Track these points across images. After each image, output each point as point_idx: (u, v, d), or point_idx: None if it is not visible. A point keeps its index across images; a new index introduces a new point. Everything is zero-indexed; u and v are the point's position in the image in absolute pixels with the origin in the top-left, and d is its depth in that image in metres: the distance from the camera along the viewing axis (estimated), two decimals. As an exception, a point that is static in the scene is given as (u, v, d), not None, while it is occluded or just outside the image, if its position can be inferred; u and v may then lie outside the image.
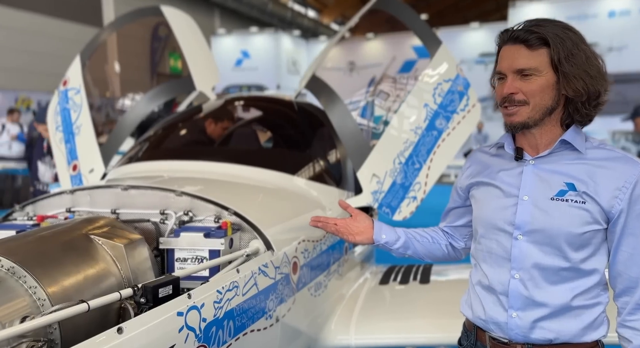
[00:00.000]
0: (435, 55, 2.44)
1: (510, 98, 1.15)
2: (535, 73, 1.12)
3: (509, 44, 1.16)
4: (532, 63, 1.12)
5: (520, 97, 1.14)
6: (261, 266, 1.57)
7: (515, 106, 1.15)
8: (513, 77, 1.14)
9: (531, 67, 1.12)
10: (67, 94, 2.76)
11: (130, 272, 1.38)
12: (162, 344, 1.15)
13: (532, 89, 1.13)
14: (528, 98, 1.13)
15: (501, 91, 1.17)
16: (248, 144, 2.67)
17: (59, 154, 2.68)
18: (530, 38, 1.12)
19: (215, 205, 1.67)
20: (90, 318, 1.18)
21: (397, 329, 2.11)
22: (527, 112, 1.14)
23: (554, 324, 1.17)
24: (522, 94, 1.14)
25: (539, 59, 1.12)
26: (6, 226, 1.61)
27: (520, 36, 1.13)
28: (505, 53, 1.17)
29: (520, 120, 1.15)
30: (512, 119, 1.16)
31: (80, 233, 1.37)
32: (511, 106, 1.15)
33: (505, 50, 1.17)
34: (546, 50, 1.12)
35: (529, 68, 1.12)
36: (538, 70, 1.12)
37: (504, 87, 1.16)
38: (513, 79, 1.14)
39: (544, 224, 1.15)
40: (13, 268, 1.13)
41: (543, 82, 1.12)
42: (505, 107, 1.17)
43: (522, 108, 1.14)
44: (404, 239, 1.46)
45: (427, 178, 2.34)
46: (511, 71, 1.14)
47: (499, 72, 1.18)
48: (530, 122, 1.15)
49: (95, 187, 1.72)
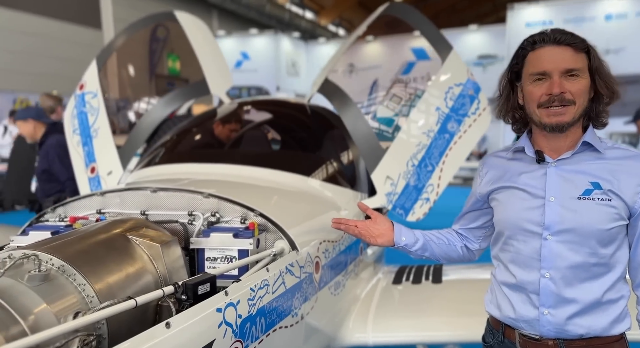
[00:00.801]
0: (447, 59, 2.50)
1: (561, 97, 1.18)
2: (580, 74, 1.18)
3: (550, 46, 1.20)
4: (578, 64, 1.18)
5: (569, 97, 1.18)
6: (288, 265, 1.63)
7: (564, 106, 1.18)
8: (560, 76, 1.18)
9: (579, 67, 1.18)
10: (84, 98, 2.81)
11: (166, 270, 1.43)
12: (205, 339, 1.21)
13: (579, 88, 1.18)
14: (575, 98, 1.18)
15: (541, 91, 1.20)
16: (263, 146, 2.73)
17: (77, 156, 2.72)
18: (577, 42, 1.18)
19: (242, 207, 1.73)
20: (132, 314, 1.23)
21: (413, 327, 2.17)
22: (573, 111, 1.18)
23: (585, 319, 1.22)
24: (570, 93, 1.18)
25: (583, 61, 1.19)
26: (41, 227, 1.66)
27: (567, 40, 1.18)
28: (546, 54, 1.20)
29: (568, 120, 1.18)
30: (560, 119, 1.19)
31: (119, 234, 1.42)
32: (559, 105, 1.18)
33: (546, 51, 1.20)
34: (585, 55, 1.18)
35: (577, 68, 1.18)
36: (582, 71, 1.18)
37: (546, 87, 1.19)
38: (561, 78, 1.18)
39: (574, 223, 1.19)
40: (63, 266, 1.18)
41: (585, 83, 1.19)
42: (549, 107, 1.19)
43: (569, 108, 1.18)
44: (422, 241, 1.51)
45: (440, 180, 2.40)
46: (559, 71, 1.18)
47: (540, 73, 1.20)
48: (572, 122, 1.20)
49: (125, 189, 1.77)
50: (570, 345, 1.23)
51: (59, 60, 14.23)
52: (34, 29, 13.56)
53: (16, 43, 13.07)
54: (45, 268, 1.16)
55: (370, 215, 1.58)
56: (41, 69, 13.90)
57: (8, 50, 12.82)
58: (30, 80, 13.60)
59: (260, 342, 1.45)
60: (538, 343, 1.26)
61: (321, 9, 27.69)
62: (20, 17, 13.13)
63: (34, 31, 13.55)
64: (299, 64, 16.78)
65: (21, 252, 1.18)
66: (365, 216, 1.61)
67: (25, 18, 13.26)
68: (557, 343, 1.24)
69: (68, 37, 14.62)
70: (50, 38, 14.08)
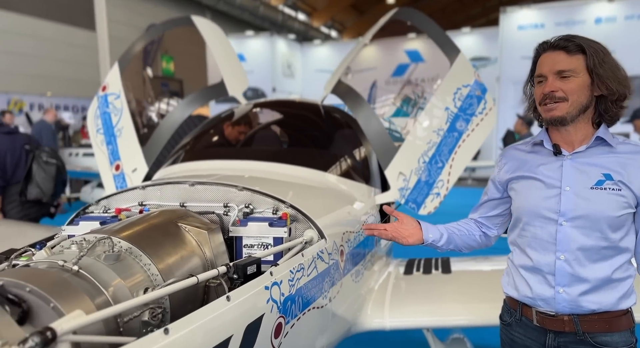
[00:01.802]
0: (455, 62, 2.67)
1: (551, 95, 1.34)
2: (573, 74, 1.33)
3: (549, 51, 1.37)
4: (571, 65, 1.34)
5: (560, 94, 1.34)
6: (318, 252, 1.77)
7: (556, 102, 1.35)
8: (553, 77, 1.35)
9: (570, 68, 1.33)
10: (107, 99, 2.93)
11: (212, 254, 1.57)
12: (257, 312, 1.35)
13: (570, 87, 1.34)
14: (567, 95, 1.34)
15: (541, 91, 1.37)
16: (282, 144, 2.87)
17: (101, 154, 2.84)
18: (569, 45, 1.34)
19: (273, 199, 1.86)
20: (186, 292, 1.37)
21: (427, 313, 2.32)
22: (566, 107, 1.34)
23: (597, 296, 1.36)
24: (562, 91, 1.34)
25: (577, 62, 1.34)
26: (89, 217, 1.79)
27: (560, 44, 1.35)
28: (545, 59, 1.37)
29: (559, 114, 1.35)
30: (553, 113, 1.35)
31: (171, 222, 1.55)
32: (552, 102, 1.35)
33: (545, 57, 1.38)
34: (582, 56, 1.34)
35: (568, 69, 1.33)
36: (575, 72, 1.33)
37: (544, 87, 1.36)
38: (554, 79, 1.34)
39: (587, 210, 1.34)
40: (130, 248, 1.32)
41: (580, 82, 1.34)
42: (546, 104, 1.36)
43: (561, 104, 1.34)
44: (447, 235, 1.62)
45: (450, 176, 2.56)
46: (552, 72, 1.35)
47: (540, 75, 1.38)
48: (567, 117, 1.35)
49: (165, 183, 1.90)
50: (583, 319, 1.37)
51: (53, 62, 14.22)
52: (29, 31, 13.54)
53: (10, 44, 13.04)
54: (117, 249, 1.29)
55: (397, 217, 1.65)
56: (35, 70, 13.88)
57: (2, 51, 12.79)
58: (25, 81, 13.57)
59: (298, 319, 1.59)
60: (554, 319, 1.40)
61: (313, 10, 27.90)
62: (15, 18, 13.11)
63: (28, 32, 13.53)
64: (295, 66, 16.93)
65: (94, 236, 1.31)
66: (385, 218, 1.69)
67: (20, 19, 13.24)
68: (572, 318, 1.38)
69: (62, 38, 14.61)
70: (45, 39, 14.06)
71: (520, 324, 1.49)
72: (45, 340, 0.89)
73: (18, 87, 13.37)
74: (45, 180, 3.81)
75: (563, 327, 1.39)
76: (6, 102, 13.13)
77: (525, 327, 1.47)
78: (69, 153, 9.35)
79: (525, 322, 1.47)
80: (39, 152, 3.90)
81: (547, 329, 1.41)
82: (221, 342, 1.20)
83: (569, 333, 1.39)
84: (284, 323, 1.50)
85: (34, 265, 1.21)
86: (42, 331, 0.89)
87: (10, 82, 13.20)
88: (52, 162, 3.89)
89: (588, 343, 1.37)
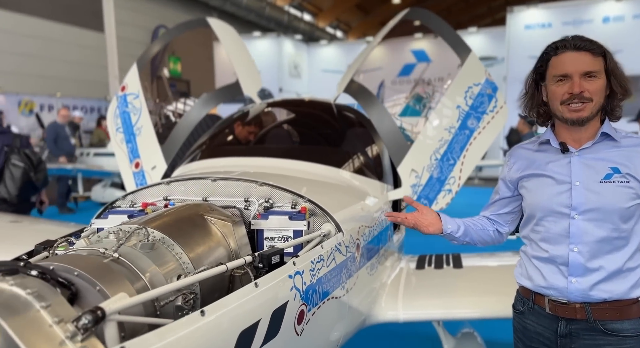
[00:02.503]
0: (466, 61, 2.73)
1: (581, 96, 1.39)
2: (597, 75, 1.40)
3: (571, 51, 1.41)
4: (596, 67, 1.40)
5: (588, 95, 1.40)
6: (336, 245, 1.84)
7: (583, 103, 1.40)
8: (580, 78, 1.40)
9: (596, 70, 1.40)
10: (126, 99, 3.02)
11: (236, 246, 1.65)
12: (282, 299, 1.42)
13: (595, 88, 1.40)
14: (593, 96, 1.40)
15: (563, 90, 1.42)
16: (297, 142, 2.94)
17: (121, 153, 2.93)
18: (594, 48, 1.40)
19: (292, 194, 1.94)
20: (214, 280, 1.44)
21: (439, 306, 2.39)
22: (591, 108, 1.40)
23: (608, 285, 1.42)
24: (588, 92, 1.39)
25: (600, 64, 1.40)
26: (117, 211, 1.87)
27: (586, 46, 1.41)
28: (567, 59, 1.42)
29: (586, 115, 1.41)
30: (580, 114, 1.41)
31: (197, 215, 1.63)
32: (579, 103, 1.40)
33: (567, 57, 1.42)
34: (602, 59, 1.41)
35: (595, 71, 1.40)
36: (599, 73, 1.40)
37: (567, 87, 1.41)
38: (580, 79, 1.40)
39: (598, 203, 1.40)
40: (163, 238, 1.39)
41: (602, 83, 1.41)
42: (571, 104, 1.41)
43: (588, 104, 1.40)
44: (464, 228, 1.69)
45: (461, 173, 2.62)
46: (579, 73, 1.40)
47: (563, 75, 1.42)
48: (590, 117, 1.42)
49: (188, 178, 1.98)
50: (594, 307, 1.43)
51: (62, 63, 14.40)
52: (39, 32, 13.71)
53: (20, 46, 13.21)
54: (151, 239, 1.37)
55: (417, 208, 1.73)
56: (45, 71, 14.05)
57: (13, 52, 12.96)
58: (35, 82, 13.75)
59: (319, 307, 1.66)
60: (566, 307, 1.46)
61: (319, 11, 28.00)
62: (25, 20, 13.28)
63: (38, 34, 13.69)
64: (301, 66, 17.03)
65: (130, 226, 1.39)
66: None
67: (30, 21, 13.41)
68: (584, 306, 1.44)
69: (71, 40, 14.78)
70: (54, 41, 14.23)
71: (532, 312, 1.55)
72: (96, 318, 0.97)
73: (28, 88, 13.54)
74: (10, 181, 4.05)
75: (575, 314, 1.45)
76: (17, 103, 13.30)
77: (537, 314, 1.53)
78: (80, 152, 9.48)
79: (538, 310, 1.53)
80: (10, 154, 4.11)
81: (559, 317, 1.47)
82: (251, 325, 1.28)
83: (581, 321, 1.44)
84: (306, 311, 1.57)
85: (78, 252, 1.29)
86: (93, 310, 0.97)
87: (21, 83, 13.38)
88: (18, 165, 4.10)
89: (599, 330, 1.43)
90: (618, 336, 1.41)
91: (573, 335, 1.45)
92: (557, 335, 1.47)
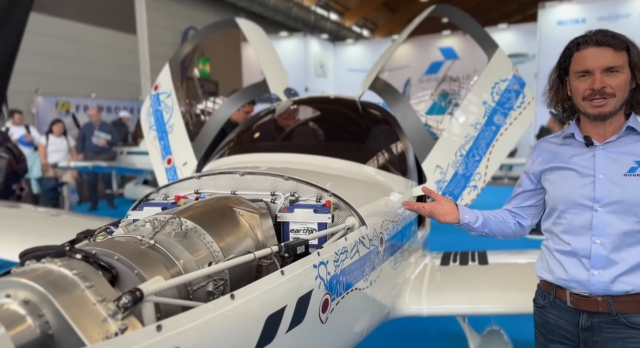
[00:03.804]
0: (493, 57, 2.72)
1: (602, 91, 1.40)
2: (620, 70, 1.40)
3: (592, 47, 1.41)
4: (618, 62, 1.40)
5: (609, 91, 1.40)
6: (360, 237, 1.89)
7: (605, 98, 1.40)
8: (601, 73, 1.40)
9: (618, 65, 1.40)
10: (159, 98, 3.14)
11: (263, 237, 1.71)
12: (307, 287, 1.48)
13: (618, 83, 1.40)
14: (615, 91, 1.40)
15: (585, 86, 1.42)
16: (322, 138, 3.00)
17: (154, 149, 3.05)
18: (617, 42, 1.39)
19: (317, 188, 1.99)
20: (242, 269, 1.51)
21: (463, 300, 2.40)
22: (614, 103, 1.41)
23: (631, 278, 1.42)
24: (610, 87, 1.40)
25: (622, 59, 1.40)
26: (152, 204, 1.97)
27: (608, 41, 1.40)
28: (590, 54, 1.42)
29: (609, 110, 1.41)
30: (602, 110, 1.41)
31: (227, 207, 1.71)
32: (601, 98, 1.40)
33: (589, 52, 1.42)
34: (626, 53, 1.40)
35: (617, 66, 1.39)
36: (622, 67, 1.40)
37: (589, 83, 1.41)
38: (602, 75, 1.40)
39: (621, 196, 1.40)
40: (195, 228, 1.47)
41: (625, 77, 1.40)
42: (593, 100, 1.42)
43: (610, 100, 1.40)
44: (482, 219, 1.71)
45: (487, 169, 2.62)
46: (600, 69, 1.40)
47: (585, 71, 1.43)
48: (613, 112, 1.42)
49: (218, 173, 2.06)
50: (617, 300, 1.43)
51: (97, 65, 14.91)
52: (74, 35, 14.21)
53: (58, 48, 13.73)
54: (184, 228, 1.45)
55: (434, 198, 1.76)
56: (80, 73, 14.57)
57: (50, 55, 13.49)
58: (71, 83, 14.29)
59: (342, 297, 1.71)
60: (588, 300, 1.46)
61: (346, 10, 27.99)
62: (62, 23, 13.80)
63: (74, 37, 14.20)
64: (327, 65, 17.07)
65: (164, 216, 1.47)
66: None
67: (66, 24, 13.93)
68: (605, 299, 1.44)
69: (105, 42, 15.28)
70: (89, 43, 14.74)
71: (553, 306, 1.55)
72: (135, 298, 1.04)
73: (65, 89, 14.09)
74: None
75: (597, 307, 1.45)
76: (54, 103, 13.88)
77: (558, 308, 1.54)
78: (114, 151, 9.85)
79: (559, 304, 1.54)
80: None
81: (581, 310, 1.48)
82: (277, 310, 1.34)
83: (603, 314, 1.44)
84: (330, 300, 1.62)
85: (117, 238, 1.38)
86: (132, 291, 1.05)
87: (58, 84, 13.93)
88: (3, 156, 4.83)
89: (621, 323, 1.42)
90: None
91: (595, 329, 1.45)
92: (579, 328, 1.48)
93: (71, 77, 14.34)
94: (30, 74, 12.89)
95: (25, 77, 12.59)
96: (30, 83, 12.96)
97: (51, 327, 1.00)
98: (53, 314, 1.01)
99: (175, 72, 3.29)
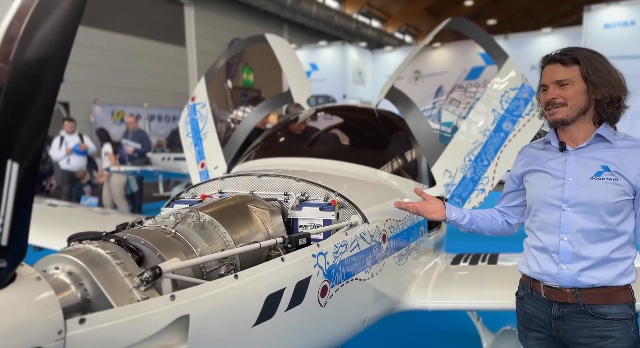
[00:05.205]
0: (503, 67, 2.84)
1: (552, 102, 1.58)
2: (569, 83, 1.56)
3: (549, 64, 1.61)
4: (567, 75, 1.56)
5: (560, 101, 1.57)
6: (361, 233, 2.09)
7: (557, 107, 1.58)
8: (553, 86, 1.58)
9: (566, 78, 1.56)
10: (195, 108, 3.48)
11: (273, 231, 1.95)
12: (305, 273, 1.70)
13: (568, 94, 1.56)
14: (566, 101, 1.56)
15: (545, 98, 1.61)
16: (338, 144, 3.22)
17: (190, 155, 3.39)
18: (565, 58, 1.57)
19: (325, 189, 2.21)
20: (253, 256, 1.75)
21: (467, 296, 2.53)
22: (566, 111, 1.57)
23: (596, 272, 1.55)
24: (561, 98, 1.57)
25: (572, 73, 1.56)
26: (181, 201, 2.27)
27: (557, 58, 1.58)
28: (546, 71, 1.62)
29: (560, 117, 1.58)
30: (554, 117, 1.59)
31: (241, 203, 1.97)
32: (553, 108, 1.58)
33: (546, 69, 1.62)
34: (578, 67, 1.55)
35: (565, 79, 1.56)
36: (572, 80, 1.56)
37: (547, 95, 1.60)
38: (553, 88, 1.58)
39: (587, 198, 1.54)
40: (212, 220, 1.73)
41: (576, 89, 1.55)
42: (549, 109, 1.60)
43: (561, 108, 1.57)
44: (469, 217, 1.91)
45: (495, 174, 2.74)
46: (552, 82, 1.59)
47: (543, 85, 1.62)
48: (568, 119, 1.57)
49: (238, 174, 2.33)
50: (584, 292, 1.56)
51: (148, 76, 15.91)
52: (128, 48, 15.24)
53: (113, 61, 14.77)
54: (202, 221, 1.72)
55: (424, 198, 2.00)
56: (133, 84, 15.59)
57: (106, 67, 14.54)
58: (125, 94, 15.31)
59: (342, 285, 1.92)
60: (558, 292, 1.60)
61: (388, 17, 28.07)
62: (117, 37, 14.84)
63: (128, 50, 15.23)
64: (365, 73, 17.25)
65: (185, 210, 1.75)
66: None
67: (120, 38, 14.97)
68: (573, 291, 1.58)
69: (156, 54, 16.26)
70: (142, 56, 15.74)
71: (531, 297, 1.70)
72: (155, 274, 1.31)
73: (120, 99, 15.12)
74: None
75: (566, 298, 1.58)
76: (110, 112, 14.92)
77: (535, 299, 1.68)
78: (162, 157, 10.56)
79: (535, 295, 1.68)
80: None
81: (553, 301, 1.61)
82: (277, 290, 1.57)
83: (572, 304, 1.58)
84: (329, 287, 1.83)
85: (146, 228, 1.66)
86: (153, 268, 1.31)
87: (114, 95, 14.97)
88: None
89: (588, 314, 1.55)
90: (606, 319, 1.53)
91: (565, 318, 1.59)
92: (551, 317, 1.61)
93: (125, 88, 15.38)
94: (89, 85, 13.97)
95: (84, 88, 13.65)
96: (89, 94, 14.02)
97: (89, 294, 1.27)
98: (90, 284, 1.28)
99: (212, 83, 3.62)
